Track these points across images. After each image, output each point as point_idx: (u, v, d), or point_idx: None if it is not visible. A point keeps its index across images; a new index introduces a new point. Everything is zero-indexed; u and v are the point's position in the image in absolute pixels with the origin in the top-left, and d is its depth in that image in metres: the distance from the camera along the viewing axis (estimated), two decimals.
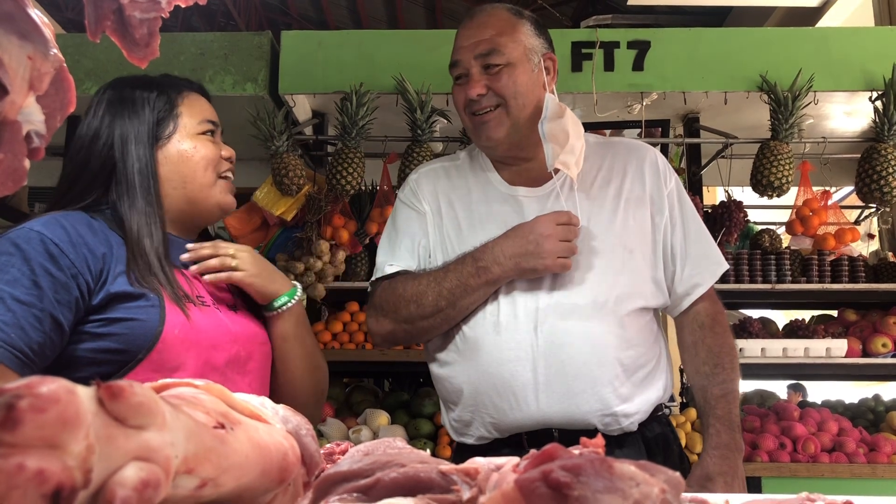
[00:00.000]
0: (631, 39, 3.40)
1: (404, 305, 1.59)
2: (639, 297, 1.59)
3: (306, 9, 7.60)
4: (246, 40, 3.51)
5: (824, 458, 3.23)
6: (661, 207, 1.66)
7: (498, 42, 1.60)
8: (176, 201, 1.42)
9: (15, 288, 1.16)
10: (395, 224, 1.74)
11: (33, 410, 0.36)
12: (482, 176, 1.71)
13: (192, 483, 0.47)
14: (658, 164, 1.70)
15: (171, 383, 0.58)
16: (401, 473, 0.53)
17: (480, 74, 1.60)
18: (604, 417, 1.52)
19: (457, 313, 1.57)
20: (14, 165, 0.51)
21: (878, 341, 3.52)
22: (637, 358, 1.56)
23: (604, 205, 1.63)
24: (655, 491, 0.45)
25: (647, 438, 1.58)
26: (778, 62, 3.32)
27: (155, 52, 0.61)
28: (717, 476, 1.50)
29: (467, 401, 1.59)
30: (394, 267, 1.66)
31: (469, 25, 1.65)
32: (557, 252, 1.50)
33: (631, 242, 1.61)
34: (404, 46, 3.46)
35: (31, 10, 0.51)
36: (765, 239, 3.72)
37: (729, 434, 1.55)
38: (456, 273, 1.55)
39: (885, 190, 3.25)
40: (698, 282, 1.66)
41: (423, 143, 3.34)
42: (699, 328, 1.66)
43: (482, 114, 1.61)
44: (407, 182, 1.78)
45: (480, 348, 1.56)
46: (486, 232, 1.59)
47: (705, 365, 1.62)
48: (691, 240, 1.67)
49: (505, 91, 1.59)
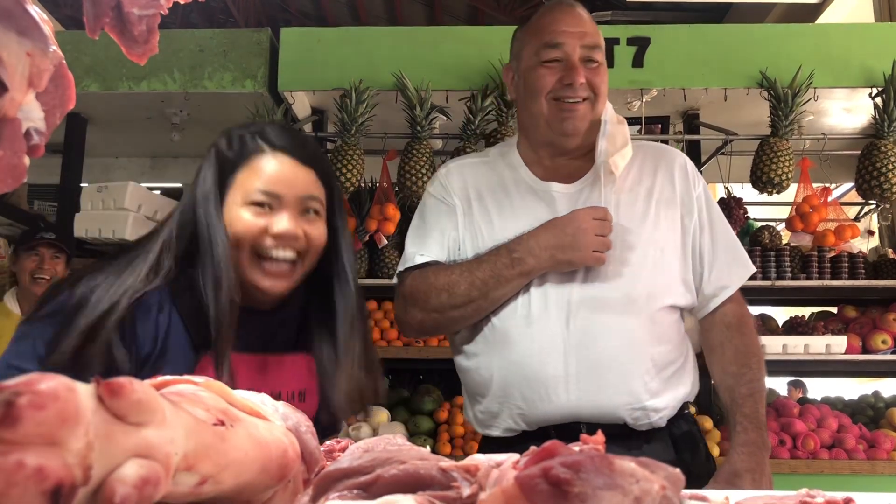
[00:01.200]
0: (631, 36, 3.40)
1: (435, 295, 1.59)
2: (669, 294, 1.60)
3: (305, 5, 7.59)
4: (245, 37, 3.51)
5: (824, 455, 3.24)
6: (690, 209, 1.67)
7: (599, 41, 1.64)
8: None
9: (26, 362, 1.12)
10: (424, 217, 1.74)
11: (33, 407, 0.36)
12: (514, 171, 1.72)
13: (192, 480, 0.47)
14: (687, 167, 1.72)
15: (170, 380, 0.58)
16: (401, 470, 0.53)
17: (581, 64, 1.61)
18: (634, 411, 1.52)
19: (488, 304, 1.57)
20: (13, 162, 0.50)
21: (878, 338, 3.52)
22: (667, 354, 1.57)
23: (636, 203, 1.64)
24: (655, 487, 0.45)
25: (675, 435, 1.58)
26: (778, 59, 3.31)
27: (154, 48, 0.61)
28: (745, 473, 1.50)
29: (496, 392, 1.59)
30: (424, 257, 1.66)
31: (571, 13, 1.65)
32: (593, 245, 1.51)
33: (662, 241, 1.62)
34: (403, 43, 3.46)
35: (30, 7, 0.50)
36: (765, 236, 3.72)
37: (756, 432, 1.55)
38: (490, 263, 1.56)
39: (885, 186, 3.25)
40: (726, 283, 1.67)
41: (423, 139, 3.34)
42: (726, 329, 1.66)
43: (573, 102, 1.61)
44: (436, 176, 1.78)
45: (510, 340, 1.56)
46: (517, 225, 1.60)
47: (732, 365, 1.63)
48: (719, 242, 1.68)
49: (600, 88, 1.62)
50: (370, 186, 3.78)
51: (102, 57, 3.44)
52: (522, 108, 1.71)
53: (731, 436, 1.60)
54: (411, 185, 3.28)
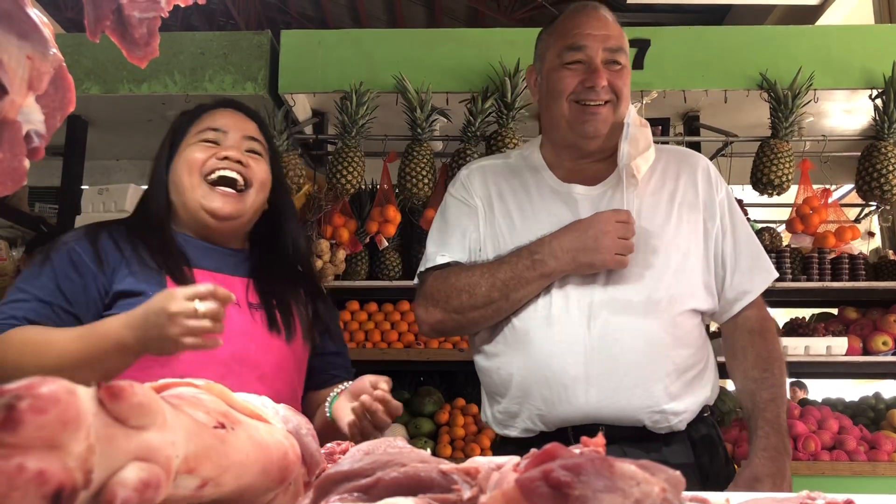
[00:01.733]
0: (631, 38, 3.37)
1: (456, 295, 1.60)
2: (691, 298, 1.60)
3: (306, 8, 7.60)
4: (245, 39, 3.51)
5: (825, 457, 3.23)
6: (713, 214, 1.67)
7: (622, 43, 1.64)
8: (180, 209, 1.53)
9: (41, 290, 1.38)
10: (446, 217, 1.74)
11: (34, 411, 0.36)
12: (536, 173, 1.71)
13: (192, 483, 0.47)
14: (710, 172, 1.72)
15: (171, 383, 0.58)
16: (401, 473, 0.53)
17: (603, 67, 1.61)
18: (653, 414, 1.52)
19: (509, 305, 1.57)
20: (14, 165, 0.50)
21: (879, 339, 3.52)
22: (688, 358, 1.57)
23: (658, 206, 1.64)
24: (656, 490, 0.45)
25: (694, 439, 1.58)
26: (778, 60, 3.31)
27: (154, 51, 0.61)
28: (766, 477, 1.49)
29: (515, 392, 1.59)
30: (445, 257, 1.67)
31: (594, 16, 1.65)
32: (615, 248, 1.51)
33: (685, 245, 1.61)
34: (404, 45, 3.46)
35: (30, 10, 0.51)
36: (765, 237, 3.71)
37: (777, 437, 1.55)
38: (511, 265, 1.56)
39: (886, 188, 3.25)
40: (748, 288, 1.66)
41: (423, 141, 3.34)
42: (748, 333, 1.66)
43: (595, 105, 1.60)
44: (457, 177, 1.79)
45: (531, 340, 1.56)
46: (539, 226, 1.60)
47: (754, 369, 1.62)
48: (742, 247, 1.68)
49: (623, 90, 1.62)
50: (371, 188, 3.78)
51: (103, 59, 3.44)
52: (545, 109, 1.71)
53: (751, 440, 1.58)
54: (412, 188, 3.28)
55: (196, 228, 1.53)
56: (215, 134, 1.52)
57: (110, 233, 1.49)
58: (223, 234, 1.55)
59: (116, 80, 3.47)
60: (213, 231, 1.53)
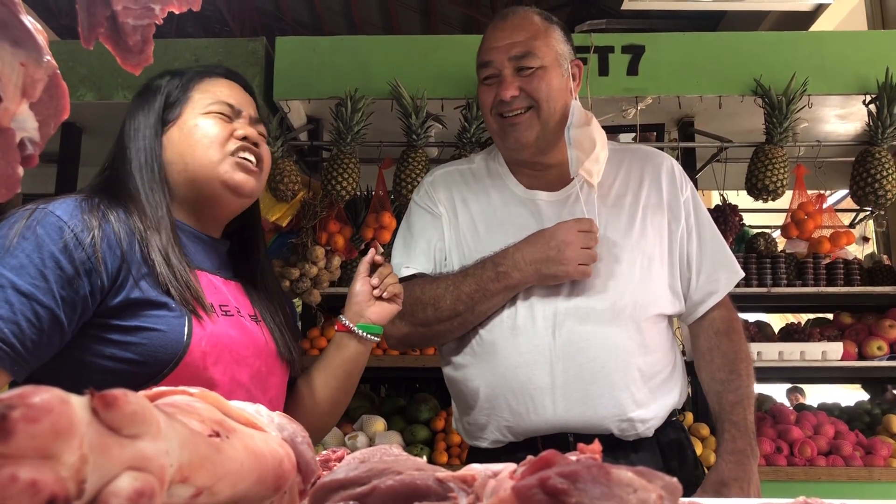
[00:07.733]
0: (625, 44, 3.41)
1: (421, 309, 1.59)
2: (656, 303, 1.59)
3: (301, 14, 7.60)
4: (240, 46, 3.51)
5: (821, 462, 3.24)
6: (677, 215, 1.66)
7: (532, 45, 1.60)
8: (181, 187, 1.31)
9: (20, 276, 1.07)
10: (410, 226, 1.73)
11: (26, 420, 0.36)
12: (499, 180, 1.70)
13: (187, 492, 0.47)
14: (674, 171, 1.71)
15: (165, 391, 0.58)
16: (397, 481, 0.53)
17: (513, 76, 1.59)
18: (620, 423, 1.51)
19: (475, 318, 1.57)
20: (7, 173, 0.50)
21: (874, 344, 3.52)
22: (654, 364, 1.56)
23: (622, 211, 1.63)
24: (653, 497, 0.45)
25: (662, 444, 1.58)
26: (772, 66, 3.33)
27: (149, 58, 0.61)
28: (732, 482, 1.49)
29: (483, 404, 1.58)
30: (410, 269, 1.66)
31: (502, 27, 1.64)
32: (579, 259, 1.50)
33: (649, 249, 1.61)
34: (399, 52, 3.47)
35: (24, 17, 0.50)
36: (760, 242, 3.72)
37: (744, 440, 1.54)
38: (475, 277, 1.55)
39: (880, 193, 3.26)
40: (714, 289, 1.66)
41: (419, 148, 3.34)
42: (715, 335, 1.65)
43: (512, 116, 1.59)
44: (422, 185, 1.77)
45: (497, 351, 1.56)
46: (503, 234, 1.59)
47: (721, 371, 1.62)
48: (707, 247, 1.67)
49: (538, 94, 1.58)
50: (366, 195, 3.78)
51: (98, 67, 3.43)
52: None
53: (718, 443, 1.59)
54: (407, 194, 3.28)
55: (194, 208, 1.34)
56: (230, 109, 1.34)
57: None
58: (223, 215, 1.38)
59: (111, 87, 3.46)
60: (218, 208, 1.34)
